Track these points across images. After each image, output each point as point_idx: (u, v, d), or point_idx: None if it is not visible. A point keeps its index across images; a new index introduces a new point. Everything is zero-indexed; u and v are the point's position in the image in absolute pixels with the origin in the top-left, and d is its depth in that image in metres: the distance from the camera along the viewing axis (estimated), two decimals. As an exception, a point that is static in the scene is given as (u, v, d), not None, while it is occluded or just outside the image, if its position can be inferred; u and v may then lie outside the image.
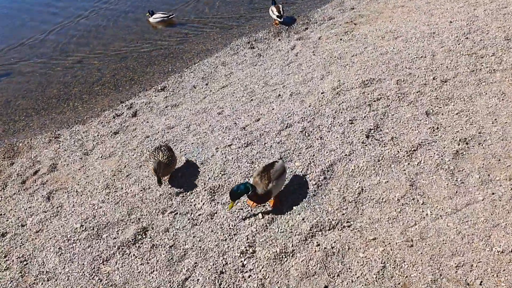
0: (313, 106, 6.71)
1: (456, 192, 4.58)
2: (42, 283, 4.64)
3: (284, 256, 4.31)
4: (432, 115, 5.88)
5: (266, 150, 5.95)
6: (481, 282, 3.75)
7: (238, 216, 4.92)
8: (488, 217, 4.23)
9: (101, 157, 6.73)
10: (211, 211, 5.04)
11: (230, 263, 4.38)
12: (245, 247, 4.47)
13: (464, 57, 6.99)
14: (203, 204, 5.19)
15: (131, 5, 13.32)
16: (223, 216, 4.94)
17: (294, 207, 4.85)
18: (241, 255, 4.42)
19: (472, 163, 4.91)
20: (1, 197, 6.23)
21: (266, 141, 6.14)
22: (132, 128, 7.39)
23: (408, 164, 5.11)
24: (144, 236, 4.95)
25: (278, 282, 4.12)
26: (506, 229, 4.07)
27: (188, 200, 5.33)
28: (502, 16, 8.00)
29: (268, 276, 4.18)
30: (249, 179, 5.43)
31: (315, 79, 7.53)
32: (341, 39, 8.86)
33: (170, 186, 5.65)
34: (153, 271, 4.51)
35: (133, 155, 6.56)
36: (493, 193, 4.47)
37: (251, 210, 4.96)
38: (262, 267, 4.27)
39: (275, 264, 4.27)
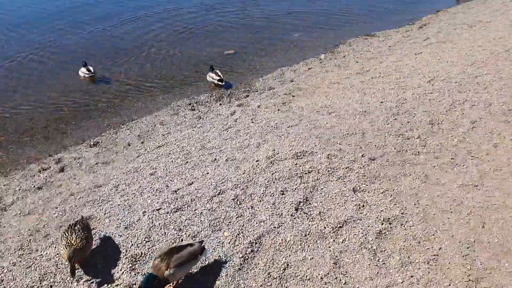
0: (247, 173, 6.75)
1: (377, 273, 4.67)
2: None
3: (202, 335, 4.13)
4: (359, 192, 6.07)
5: (195, 217, 5.84)
6: None
7: None
8: (406, 301, 4.31)
9: (20, 213, 6.31)
10: (129, 281, 4.78)
11: None
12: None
13: (392, 137, 7.39)
14: (122, 273, 4.92)
15: (71, 53, 13.16)
16: (143, 288, 4.69)
17: (217, 282, 4.71)
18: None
19: (394, 244, 5.05)
20: None
21: (196, 207, 6.04)
22: (57, 184, 7.05)
23: (334, 241, 5.18)
24: (53, 307, 4.59)
25: None
26: (422, 314, 4.15)
27: (106, 267, 5.05)
28: (428, 101, 8.62)
29: None
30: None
31: (251, 146, 7.64)
32: (279, 110, 9.14)
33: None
34: None
35: (54, 213, 6.21)
36: (412, 276, 4.59)
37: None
38: None
39: None
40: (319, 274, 4.72)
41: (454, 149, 6.87)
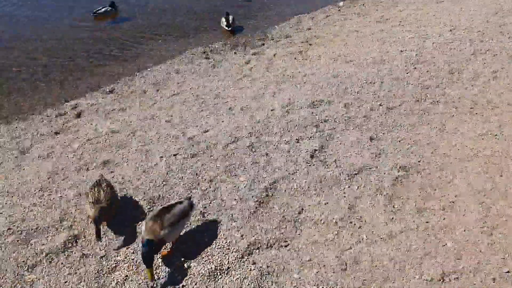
0: (262, 122, 6.72)
1: (392, 218, 4.69)
2: (-43, 290, 4.31)
3: (219, 273, 4.24)
4: (375, 141, 6.03)
5: (211, 162, 5.88)
6: (409, 309, 3.83)
7: (175, 229, 4.80)
8: (420, 245, 4.35)
9: (39, 157, 6.41)
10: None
11: (162, 278, 4.25)
12: (180, 262, 4.35)
13: (410, 87, 7.24)
14: (140, 213, 5.03)
15: None
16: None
17: (233, 223, 4.80)
18: (175, 270, 4.30)
19: (410, 191, 5.05)
20: None
21: (212, 154, 6.07)
22: (74, 129, 7.10)
23: (349, 187, 5.20)
24: (74, 244, 4.72)
25: (210, 299, 4.04)
26: (436, 258, 4.20)
27: (124, 208, 5.16)
28: (448, 50, 8.38)
29: (201, 293, 4.09)
30: (191, 192, 5.34)
31: (267, 95, 7.56)
32: (295, 58, 8.97)
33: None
34: (81, 281, 4.31)
35: (72, 157, 6.29)
36: (427, 222, 4.61)
37: (191, 225, 4.85)
38: (195, 284, 4.16)
39: (209, 281, 4.18)
40: (334, 218, 4.76)
41: (474, 99, 6.72)
